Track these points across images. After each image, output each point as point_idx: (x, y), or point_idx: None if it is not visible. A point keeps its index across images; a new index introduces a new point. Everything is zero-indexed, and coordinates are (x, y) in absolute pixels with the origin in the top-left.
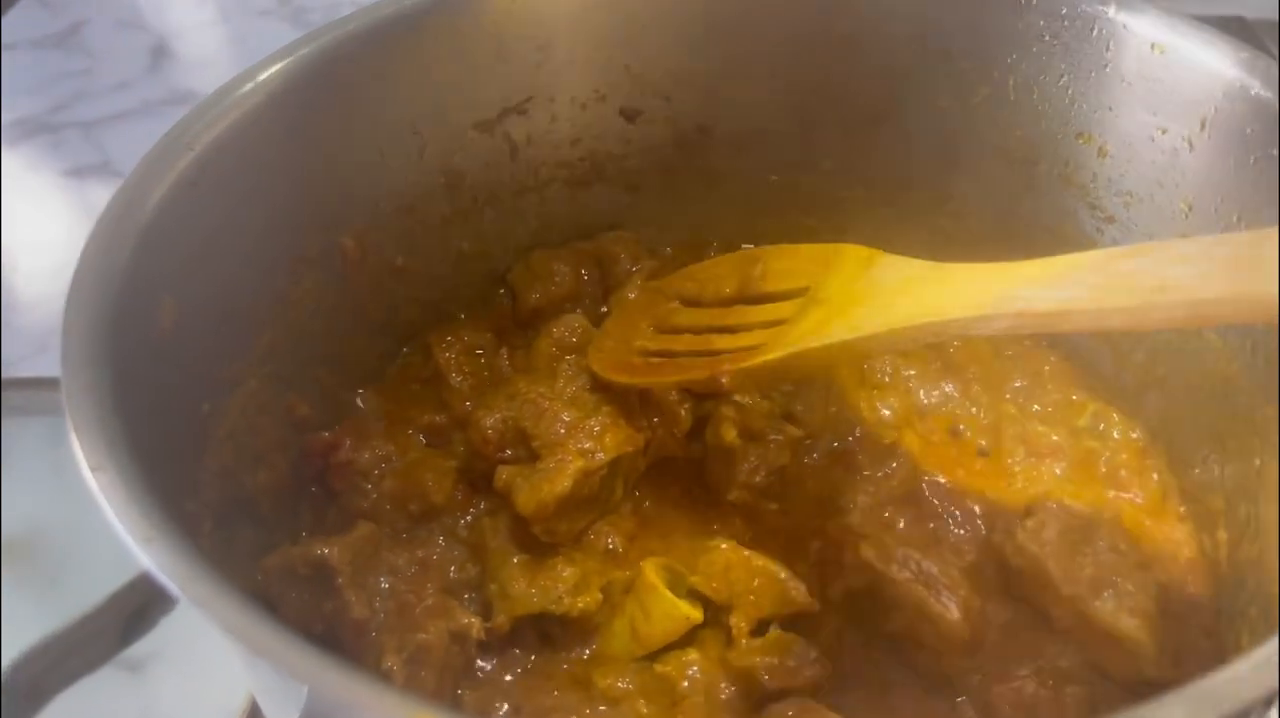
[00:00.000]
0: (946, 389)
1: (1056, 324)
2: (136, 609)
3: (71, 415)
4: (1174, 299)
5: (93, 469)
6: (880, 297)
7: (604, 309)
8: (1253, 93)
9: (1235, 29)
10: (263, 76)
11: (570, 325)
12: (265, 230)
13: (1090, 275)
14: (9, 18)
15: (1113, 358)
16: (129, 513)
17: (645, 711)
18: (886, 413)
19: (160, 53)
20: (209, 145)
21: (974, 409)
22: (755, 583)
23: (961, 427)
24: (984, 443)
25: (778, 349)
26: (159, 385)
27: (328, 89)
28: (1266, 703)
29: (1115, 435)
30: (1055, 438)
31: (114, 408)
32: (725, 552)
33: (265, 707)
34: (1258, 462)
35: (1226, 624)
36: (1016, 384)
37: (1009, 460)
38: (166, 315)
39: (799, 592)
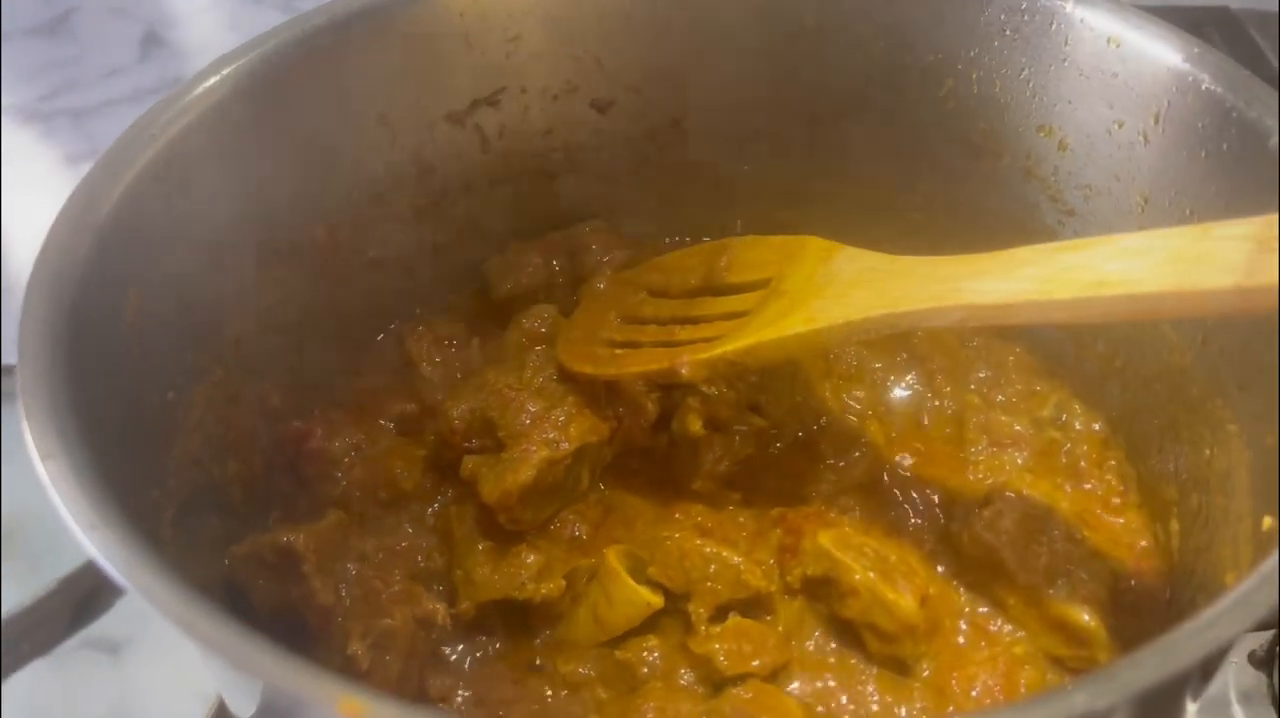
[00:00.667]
0: (911, 380)
1: (1005, 317)
2: (89, 593)
3: (25, 403)
4: (1112, 293)
5: (43, 457)
6: (837, 289)
7: (576, 299)
8: (1203, 87)
9: (1219, 19)
10: (228, 70)
11: (540, 316)
12: (234, 222)
13: (1035, 269)
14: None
15: (1075, 349)
16: (77, 500)
17: (604, 696)
18: (852, 403)
19: (151, 40)
20: (174, 137)
21: (938, 400)
22: (711, 570)
23: (925, 417)
24: (947, 432)
25: (736, 341)
26: (122, 375)
27: (296, 81)
28: (1204, 676)
29: (1077, 426)
30: (1018, 428)
31: (70, 396)
32: (679, 540)
33: (228, 698)
34: (1208, 452)
35: (1177, 613)
36: (981, 375)
37: (972, 450)
38: (130, 306)
39: (754, 576)
